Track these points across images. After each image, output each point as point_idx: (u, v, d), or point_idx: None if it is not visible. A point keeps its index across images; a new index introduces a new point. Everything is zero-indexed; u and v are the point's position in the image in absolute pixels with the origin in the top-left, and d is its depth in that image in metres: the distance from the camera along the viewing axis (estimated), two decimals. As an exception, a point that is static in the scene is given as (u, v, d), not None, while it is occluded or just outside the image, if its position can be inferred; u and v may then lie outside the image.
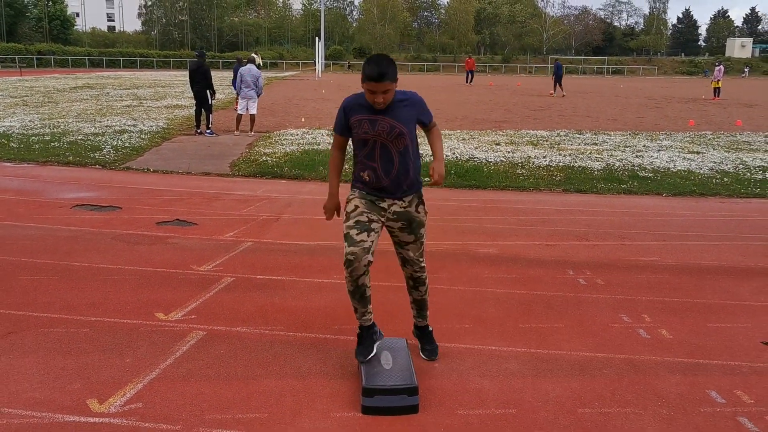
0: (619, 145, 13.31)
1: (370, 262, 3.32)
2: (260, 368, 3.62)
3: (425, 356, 3.75)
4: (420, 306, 3.74)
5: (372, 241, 3.34)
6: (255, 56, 39.71)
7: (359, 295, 3.39)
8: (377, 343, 3.55)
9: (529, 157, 11.48)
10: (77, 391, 3.32)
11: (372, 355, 3.48)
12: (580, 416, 3.21)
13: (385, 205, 3.45)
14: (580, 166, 10.65)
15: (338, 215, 3.60)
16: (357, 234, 3.33)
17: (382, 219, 3.46)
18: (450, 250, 6.07)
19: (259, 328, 4.18)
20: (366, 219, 3.38)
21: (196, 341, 3.94)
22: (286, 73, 57.36)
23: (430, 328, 3.84)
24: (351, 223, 3.37)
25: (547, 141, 13.86)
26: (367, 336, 3.51)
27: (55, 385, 3.38)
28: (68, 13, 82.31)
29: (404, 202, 3.47)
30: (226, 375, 3.53)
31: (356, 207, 3.43)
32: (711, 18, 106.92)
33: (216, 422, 3.07)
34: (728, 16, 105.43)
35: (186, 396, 3.29)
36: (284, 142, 12.99)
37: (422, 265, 3.59)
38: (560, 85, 31.30)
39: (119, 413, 3.12)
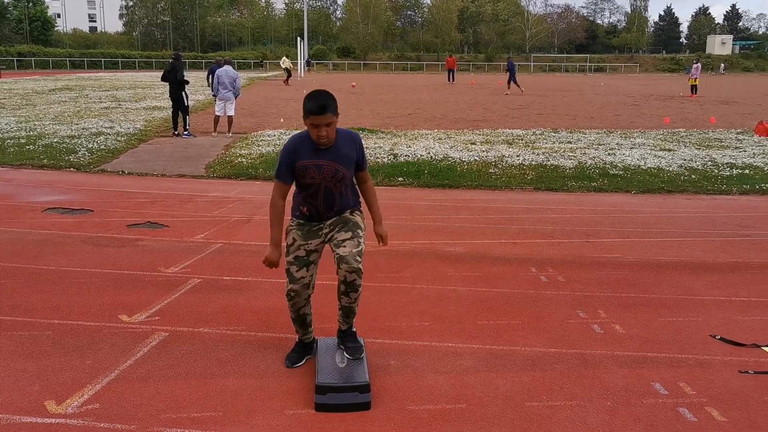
0: (593, 144, 13.48)
1: (309, 295, 3.58)
2: (219, 368, 3.70)
3: (350, 355, 3.58)
4: (347, 313, 3.61)
5: (311, 275, 3.56)
6: (286, 59, 39.75)
7: (300, 321, 3.69)
8: (307, 356, 3.79)
9: (503, 156, 11.61)
10: (36, 392, 3.38)
11: (300, 364, 3.72)
12: (528, 409, 3.31)
13: (322, 225, 3.57)
14: (552, 165, 10.79)
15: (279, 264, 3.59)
16: (297, 271, 3.51)
17: (321, 239, 3.56)
18: (417, 249, 6.17)
19: (222, 328, 4.25)
20: (304, 253, 3.52)
21: (158, 342, 4.01)
22: (269, 73, 57.28)
23: (354, 329, 3.73)
24: (291, 258, 3.53)
25: (522, 140, 14.00)
26: (303, 348, 3.80)
27: (14, 387, 3.43)
28: (49, 15, 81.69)
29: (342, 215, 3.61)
30: (185, 375, 3.60)
31: (294, 240, 3.54)
32: (692, 15, 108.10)
33: (171, 421, 3.14)
34: (709, 13, 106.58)
35: (143, 396, 3.36)
36: (261, 143, 13.04)
37: (359, 265, 3.40)
38: (515, 82, 31.69)
39: (76, 414, 3.18)
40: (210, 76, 18.06)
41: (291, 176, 3.46)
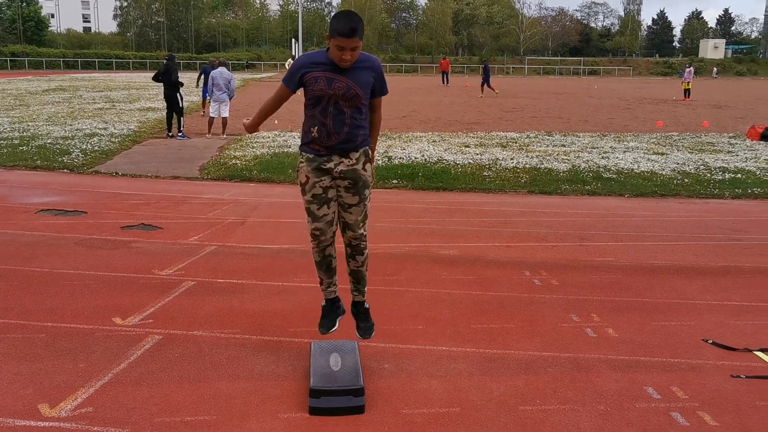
0: (587, 147, 13.53)
1: (334, 233, 3.52)
2: (213, 371, 3.70)
3: (360, 334, 3.71)
4: (356, 278, 3.67)
5: (333, 212, 3.49)
6: (292, 60, 39.76)
7: (326, 265, 3.61)
8: (339, 318, 3.74)
9: (497, 159, 11.64)
10: (29, 396, 3.37)
11: (334, 329, 3.68)
12: (521, 413, 3.32)
13: (331, 165, 3.41)
14: (546, 168, 10.82)
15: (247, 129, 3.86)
16: (318, 209, 3.44)
17: (333, 179, 3.45)
18: (411, 252, 6.17)
19: (216, 331, 4.25)
20: (321, 190, 3.43)
21: (152, 345, 4.00)
22: (263, 75, 57.23)
23: (367, 305, 3.77)
24: (309, 197, 3.45)
25: (516, 143, 14.04)
26: (331, 309, 3.71)
27: (7, 390, 3.42)
28: (43, 15, 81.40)
29: (351, 159, 3.43)
30: (179, 378, 3.60)
31: (308, 179, 3.44)
32: (685, 19, 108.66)
33: (165, 425, 3.14)
34: (702, 17, 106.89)
35: (137, 399, 3.35)
36: (255, 145, 13.03)
37: (363, 232, 3.51)
38: (488, 85, 32.05)
39: (69, 417, 3.17)
40: (200, 77, 17.99)
41: (293, 83, 3.37)
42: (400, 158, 11.39)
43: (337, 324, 3.71)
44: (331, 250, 3.57)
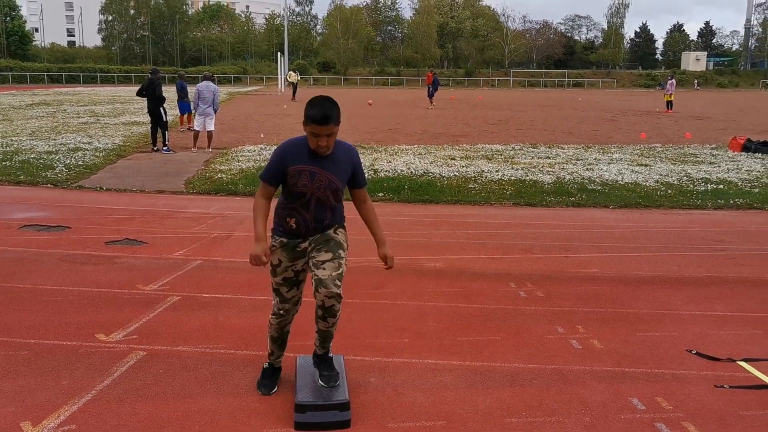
0: (571, 159, 13.62)
1: (296, 312, 3.57)
2: (198, 387, 3.67)
3: (324, 383, 3.44)
4: (324, 337, 3.49)
5: (300, 292, 3.53)
6: (293, 73, 39.72)
7: (281, 341, 3.64)
8: (276, 384, 3.69)
9: (482, 171, 11.69)
10: (11, 414, 3.33)
11: (275, 390, 3.63)
12: (507, 425, 3.33)
13: (306, 244, 3.40)
14: (531, 180, 10.88)
15: (268, 260, 3.36)
16: (287, 291, 3.46)
17: (306, 258, 3.40)
18: (397, 265, 6.09)
19: (201, 346, 4.22)
20: (292, 274, 3.43)
21: (136, 361, 3.97)
22: (249, 88, 57.23)
23: (330, 355, 3.61)
24: (279, 280, 3.44)
25: (501, 155, 14.11)
26: (273, 373, 3.72)
27: (-12, 409, 3.38)
28: (27, 29, 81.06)
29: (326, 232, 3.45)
30: (163, 394, 3.57)
31: (280, 262, 3.40)
32: (667, 32, 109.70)
33: (149, 442, 3.11)
34: (684, 30, 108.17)
35: (120, 417, 3.32)
36: (241, 158, 13.01)
37: (339, 289, 3.27)
38: (431, 95, 33.20)
39: (52, 435, 3.14)
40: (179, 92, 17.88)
41: (276, 179, 3.31)
42: (386, 171, 11.41)
43: (276, 387, 3.65)
44: (289, 327, 3.61)
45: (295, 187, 3.28)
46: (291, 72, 41.48)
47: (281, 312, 3.49)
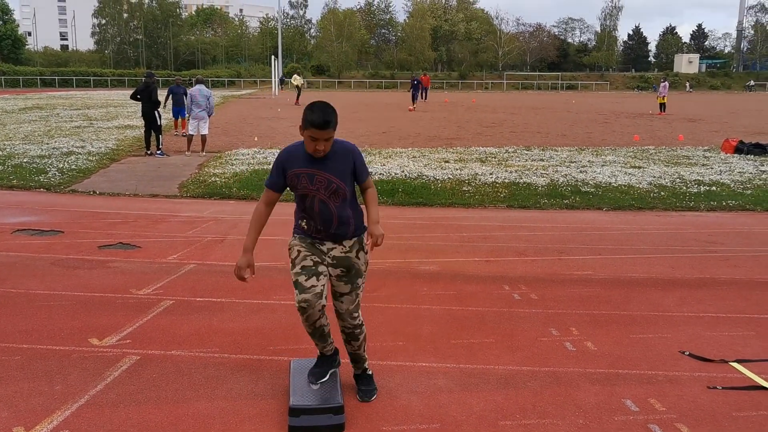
0: (565, 161, 13.66)
1: (324, 306, 3.30)
2: (191, 391, 3.66)
3: (360, 397, 3.60)
4: (355, 359, 3.66)
5: (323, 285, 3.31)
6: (298, 76, 39.81)
7: (318, 335, 3.44)
8: (331, 371, 3.58)
9: (476, 174, 11.71)
10: (4, 419, 3.31)
11: (324, 380, 3.52)
12: (501, 428, 3.33)
13: (324, 248, 3.41)
14: (524, 183, 10.90)
15: (251, 274, 3.38)
16: (306, 280, 3.29)
17: (326, 263, 3.41)
18: (392, 268, 6.18)
19: (194, 350, 4.21)
20: (311, 263, 3.34)
21: (129, 366, 3.96)
22: (243, 91, 57.20)
23: (369, 372, 3.71)
24: (298, 269, 3.33)
25: (495, 158, 14.14)
26: (324, 362, 3.58)
27: (-19, 414, 3.36)
28: (20, 33, 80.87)
29: (345, 247, 3.43)
30: (156, 399, 3.56)
31: (299, 252, 3.38)
32: (660, 34, 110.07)
33: (142, 447, 3.10)
34: (676, 32, 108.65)
35: (113, 422, 3.31)
36: (234, 162, 13.00)
37: (357, 321, 3.50)
38: (414, 98, 33.91)
39: (44, 441, 3.13)
40: (168, 98, 17.81)
41: (279, 185, 3.36)
42: (380, 174, 11.41)
43: (328, 376, 3.55)
44: (323, 320, 3.36)
45: (297, 190, 3.35)
46: (296, 75, 41.46)
47: (303, 305, 3.24)
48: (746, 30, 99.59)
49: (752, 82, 79.64)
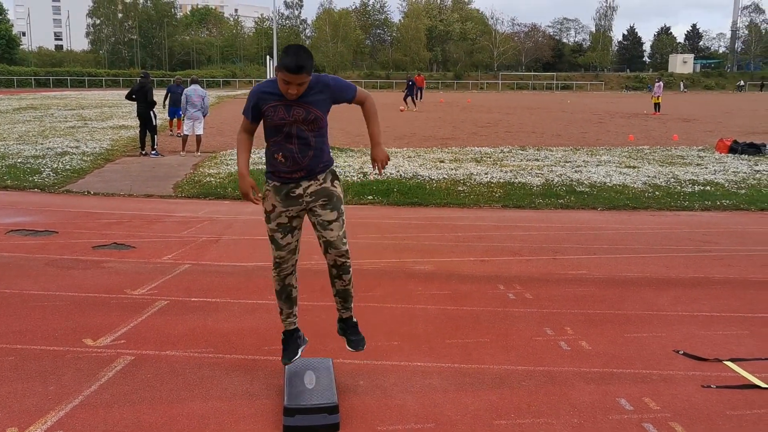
0: (560, 161, 13.68)
1: (296, 262, 3.52)
2: (186, 391, 3.66)
3: (352, 348, 3.68)
4: (344, 297, 3.65)
5: (296, 240, 3.49)
6: None
7: (285, 295, 3.58)
8: (302, 347, 3.66)
9: (471, 174, 11.72)
10: (-3, 420, 3.30)
11: (296, 357, 3.59)
12: (496, 427, 3.33)
13: (300, 190, 3.43)
14: (519, 182, 10.92)
15: (257, 194, 3.46)
16: (282, 237, 3.45)
17: (302, 206, 3.45)
18: (386, 268, 6.18)
19: (189, 350, 4.21)
20: (286, 220, 3.44)
21: (123, 366, 3.95)
22: (238, 92, 57.10)
23: (355, 320, 3.76)
24: (273, 225, 3.46)
25: (490, 157, 14.15)
26: (291, 340, 3.65)
27: (-26, 415, 3.35)
28: (14, 33, 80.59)
29: (318, 180, 3.45)
30: (150, 399, 3.55)
31: (274, 207, 3.44)
32: (654, 35, 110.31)
33: (137, 447, 3.10)
34: (671, 32, 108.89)
35: (108, 422, 3.30)
36: (229, 162, 12.98)
37: (346, 248, 3.46)
38: (412, 99, 33.70)
39: (38, 441, 3.12)
40: (167, 97, 17.83)
41: (254, 115, 3.39)
42: (375, 174, 11.40)
43: (299, 353, 3.62)
44: (292, 279, 3.56)
45: (273, 121, 3.34)
46: None
47: (278, 260, 3.47)
48: (740, 30, 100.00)
49: (742, 82, 79.97)
